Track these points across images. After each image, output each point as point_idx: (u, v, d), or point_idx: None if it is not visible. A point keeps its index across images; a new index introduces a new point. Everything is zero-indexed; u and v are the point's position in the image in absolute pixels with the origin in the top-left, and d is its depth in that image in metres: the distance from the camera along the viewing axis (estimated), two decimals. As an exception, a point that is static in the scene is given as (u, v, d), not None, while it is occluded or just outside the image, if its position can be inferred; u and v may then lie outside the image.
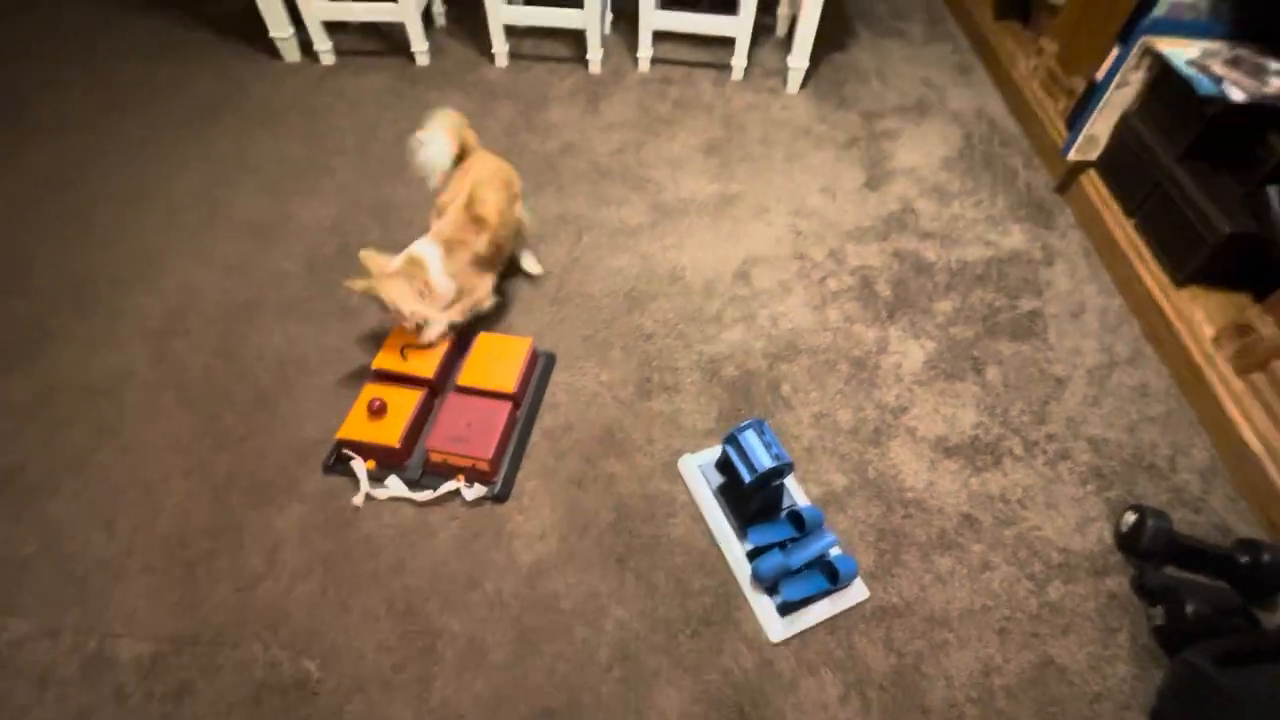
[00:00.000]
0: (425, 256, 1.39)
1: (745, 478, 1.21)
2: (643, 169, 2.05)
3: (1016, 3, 2.45)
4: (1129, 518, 1.30)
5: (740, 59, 2.34)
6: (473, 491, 1.32)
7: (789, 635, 1.19)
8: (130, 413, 1.46)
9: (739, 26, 2.25)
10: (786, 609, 1.20)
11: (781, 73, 2.39)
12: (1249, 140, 1.51)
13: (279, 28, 2.30)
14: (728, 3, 2.25)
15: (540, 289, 1.72)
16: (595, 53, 2.34)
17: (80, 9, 2.60)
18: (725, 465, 1.31)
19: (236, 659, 1.15)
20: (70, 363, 1.54)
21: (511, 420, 1.40)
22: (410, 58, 2.38)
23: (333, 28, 2.37)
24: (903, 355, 1.61)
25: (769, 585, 1.21)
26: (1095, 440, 1.47)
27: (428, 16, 2.51)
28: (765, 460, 1.20)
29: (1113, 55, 1.78)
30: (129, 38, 2.47)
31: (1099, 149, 1.89)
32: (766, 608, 1.21)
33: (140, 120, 2.15)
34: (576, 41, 2.45)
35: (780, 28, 2.60)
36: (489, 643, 1.18)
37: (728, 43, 2.33)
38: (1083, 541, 1.32)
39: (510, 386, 1.41)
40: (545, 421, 1.47)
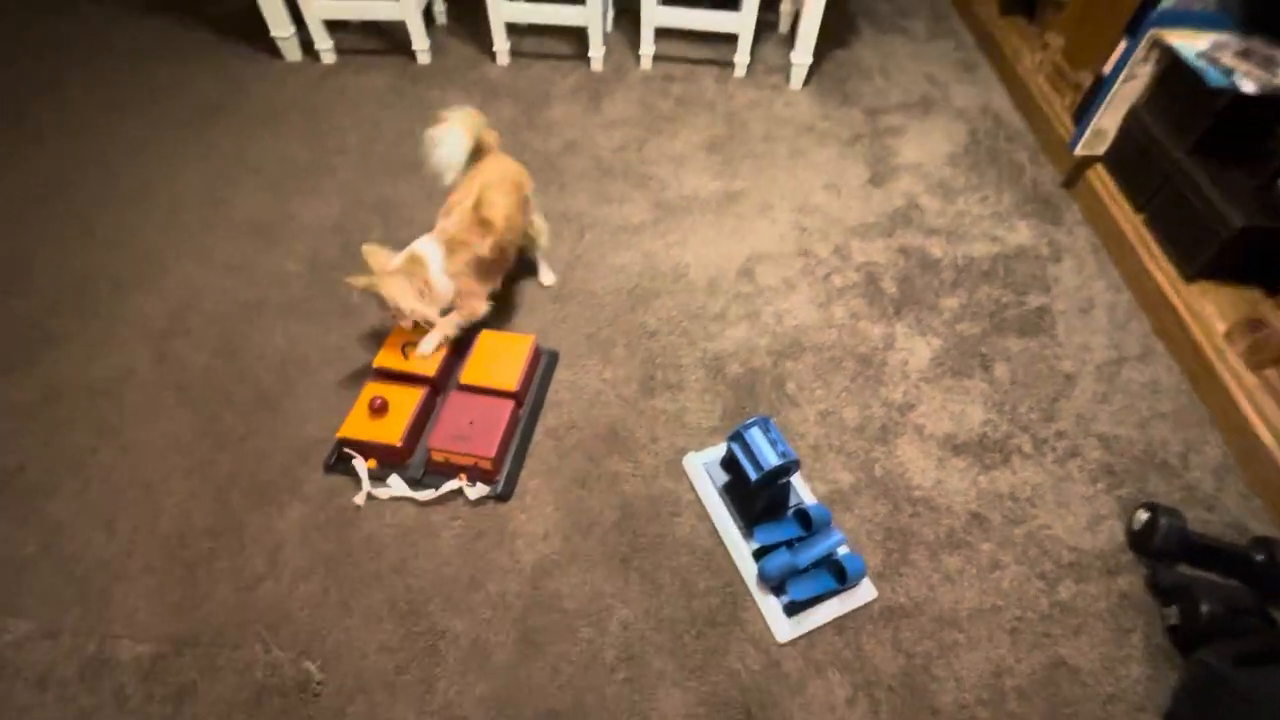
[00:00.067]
0: (426, 255, 1.38)
1: (751, 475, 1.20)
2: (645, 166, 2.04)
3: (1021, -3, 2.44)
4: (1141, 516, 1.28)
5: (743, 55, 2.32)
6: (475, 491, 1.31)
7: (796, 636, 1.17)
8: (131, 413, 1.45)
9: (741, 23, 2.23)
10: (793, 609, 1.18)
11: (784, 69, 2.37)
12: (1260, 132, 1.50)
13: (280, 27, 2.29)
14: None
15: (543, 287, 1.71)
16: (597, 50, 2.33)
17: (81, 11, 2.60)
18: (730, 463, 1.30)
19: (237, 660, 1.14)
20: (71, 363, 1.53)
21: (514, 419, 1.38)
22: (411, 56, 2.37)
23: (333, 26, 2.36)
24: (909, 352, 1.59)
25: (775, 585, 1.20)
26: (1105, 437, 1.45)
27: (429, 15, 2.51)
28: (771, 458, 1.18)
29: (1120, 48, 1.76)
30: (129, 39, 2.47)
31: (1106, 143, 1.87)
32: (773, 608, 1.19)
33: (141, 121, 2.15)
34: (578, 39, 2.44)
35: (783, 24, 2.58)
36: (492, 644, 1.16)
37: (730, 39, 2.32)
38: (1094, 540, 1.30)
39: (513, 385, 1.40)
40: (548, 420, 1.46)
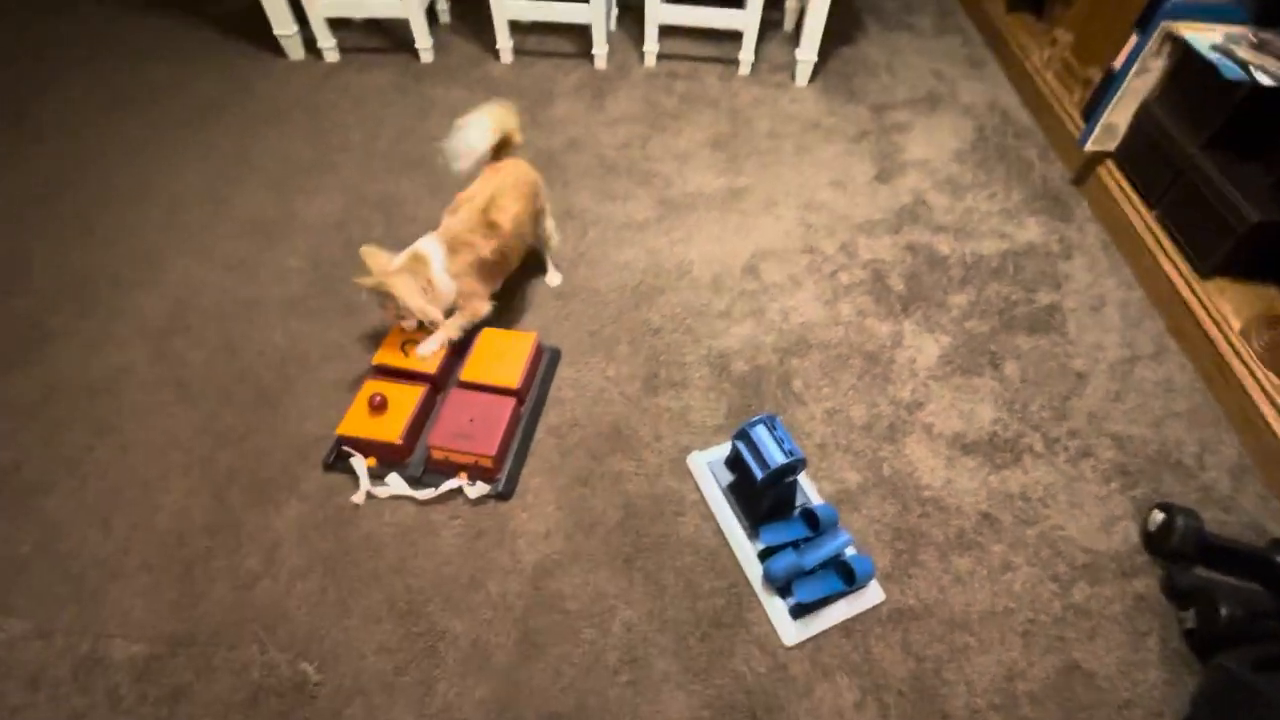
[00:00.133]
0: (428, 253, 1.36)
1: (757, 474, 1.17)
2: (649, 164, 2.02)
3: (1029, -6, 2.41)
4: (1157, 517, 1.25)
5: (747, 53, 2.30)
6: (476, 489, 1.29)
7: (803, 638, 1.15)
8: (129, 411, 1.44)
9: (746, 20, 2.21)
10: (800, 611, 1.16)
11: (789, 67, 2.35)
12: (1276, 126, 1.47)
13: (283, 25, 2.28)
14: (735, -4, 2.23)
15: (545, 284, 1.69)
16: (600, 48, 2.32)
17: (81, 11, 2.60)
18: (736, 462, 1.27)
19: (233, 661, 1.12)
20: (69, 361, 1.52)
21: (515, 416, 1.36)
22: (414, 54, 2.36)
23: (336, 25, 2.35)
24: (917, 350, 1.56)
25: (782, 586, 1.17)
26: (1119, 437, 1.42)
27: (432, 13, 2.50)
28: (778, 456, 1.16)
29: (1131, 42, 1.73)
30: (130, 38, 2.47)
31: (1117, 139, 1.85)
32: (779, 610, 1.16)
33: (141, 120, 2.14)
34: (581, 37, 2.42)
35: (788, 21, 2.56)
36: (493, 645, 1.14)
37: (734, 37, 2.30)
38: (1108, 541, 1.27)
39: (514, 382, 1.38)
40: (550, 418, 1.44)
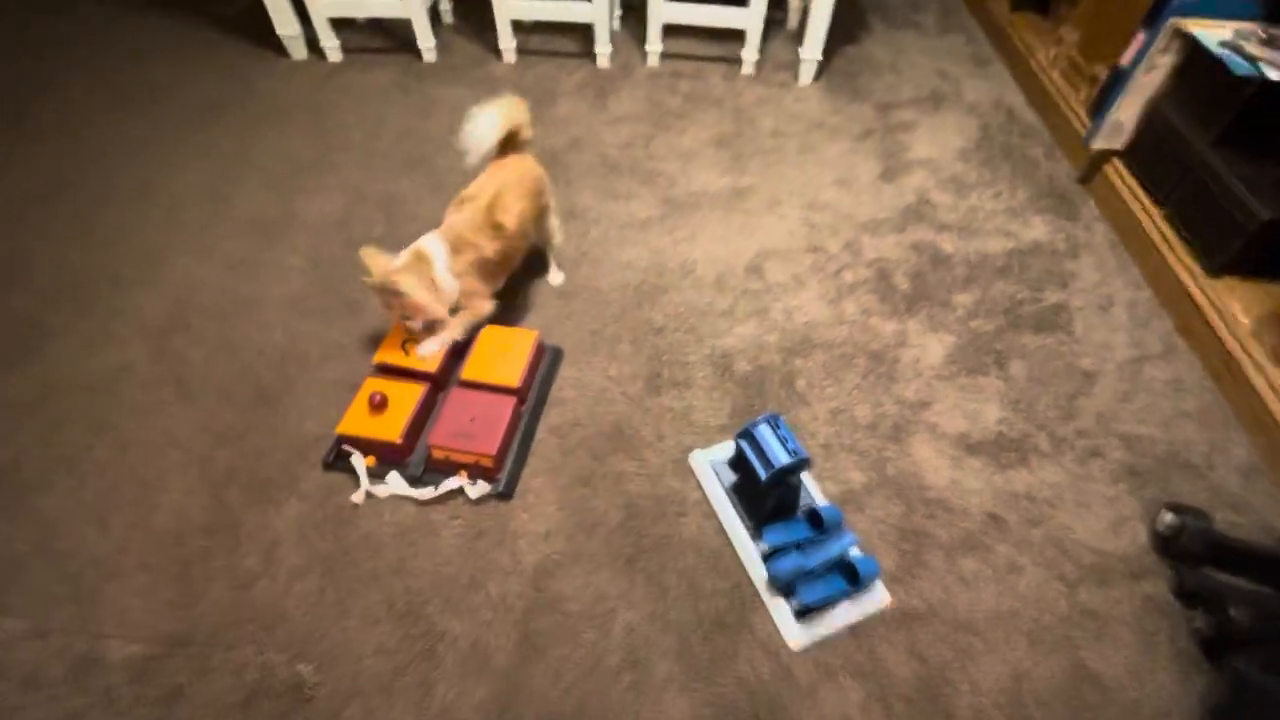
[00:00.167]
0: (431, 252, 1.35)
1: (760, 474, 1.16)
2: (652, 163, 2.01)
3: (1034, -8, 2.40)
4: (1166, 517, 1.23)
5: (751, 52, 2.29)
6: (476, 489, 1.27)
7: (807, 641, 1.13)
8: (128, 409, 1.43)
9: (750, 19, 2.20)
10: (804, 612, 1.14)
11: (793, 66, 2.34)
12: (1286, 123, 1.45)
13: (285, 25, 2.28)
14: (738, -6, 2.22)
15: (547, 282, 1.68)
16: (603, 47, 2.31)
17: (83, 10, 2.60)
18: (739, 462, 1.26)
19: (230, 661, 1.10)
20: (69, 360, 1.51)
21: (516, 415, 1.35)
22: (417, 54, 2.36)
23: (339, 25, 2.35)
24: (922, 349, 1.55)
25: (786, 587, 1.15)
26: (1128, 437, 1.40)
27: (435, 13, 2.50)
28: (781, 456, 1.14)
29: (1139, 40, 1.72)
30: (132, 38, 2.47)
31: (1125, 137, 1.83)
32: (783, 611, 1.15)
33: (143, 119, 2.14)
34: (584, 37, 2.42)
35: (792, 20, 2.56)
36: (492, 646, 1.12)
37: (738, 36, 2.29)
38: (1117, 542, 1.25)
39: (515, 381, 1.37)
40: (551, 418, 1.42)
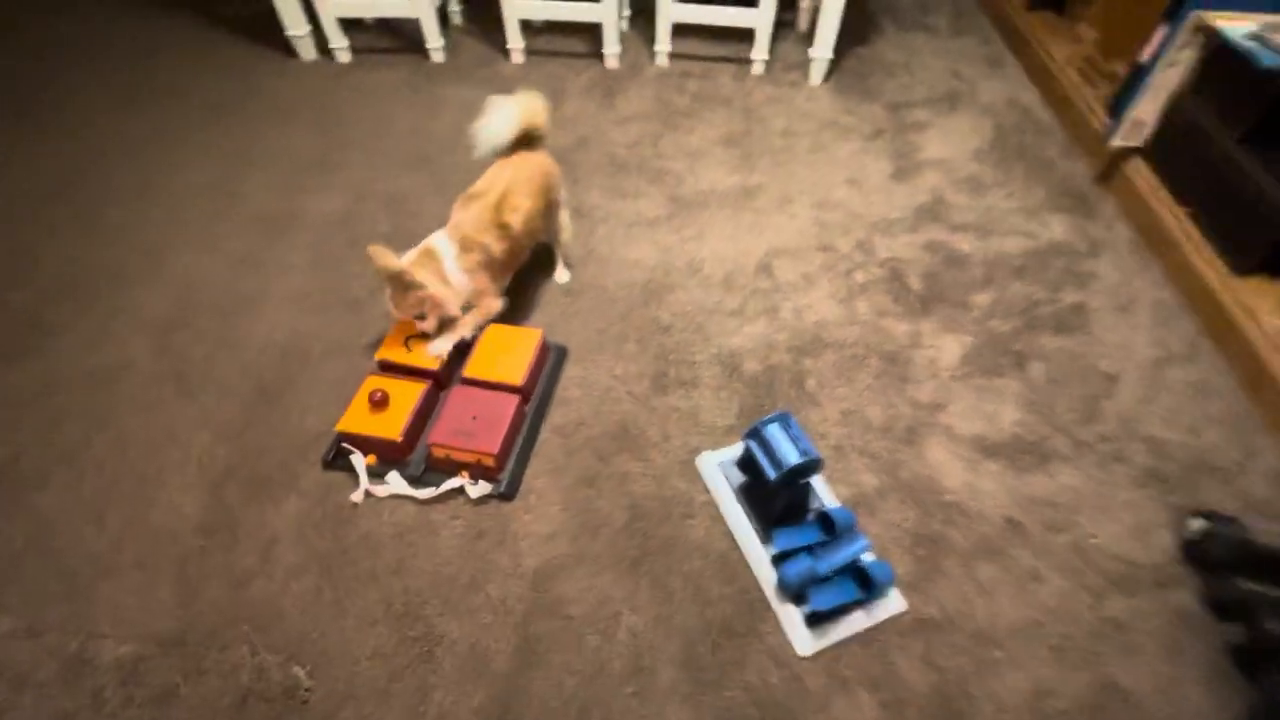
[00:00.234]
0: (440, 249, 1.33)
1: (770, 475, 1.12)
2: (660, 161, 1.99)
3: (1050, -8, 2.36)
4: (1196, 524, 1.18)
5: (761, 52, 2.27)
6: (477, 489, 1.24)
7: (818, 649, 1.09)
8: (128, 405, 1.41)
9: (760, 18, 2.18)
10: (815, 619, 1.10)
11: (803, 66, 2.31)
12: (1317, 117, 1.40)
13: (295, 25, 2.29)
14: (748, -6, 2.20)
15: (553, 280, 1.65)
16: (612, 46, 2.29)
17: (92, 10, 2.62)
18: (748, 463, 1.22)
19: (223, 662, 1.07)
20: (69, 355, 1.50)
21: (519, 414, 1.32)
22: (425, 55, 2.36)
23: (348, 26, 2.35)
24: (937, 349, 1.50)
25: (796, 593, 1.11)
26: (1152, 441, 1.35)
27: (443, 14, 2.49)
28: (792, 456, 1.10)
29: (1160, 34, 1.68)
30: (141, 39, 2.48)
31: (1145, 135, 1.78)
32: (793, 618, 1.10)
33: (148, 119, 2.14)
34: (593, 37, 2.40)
35: (802, 22, 2.53)
36: (492, 650, 1.09)
37: (748, 37, 2.27)
38: (1142, 550, 1.20)
39: (519, 379, 1.34)
40: (555, 417, 1.39)
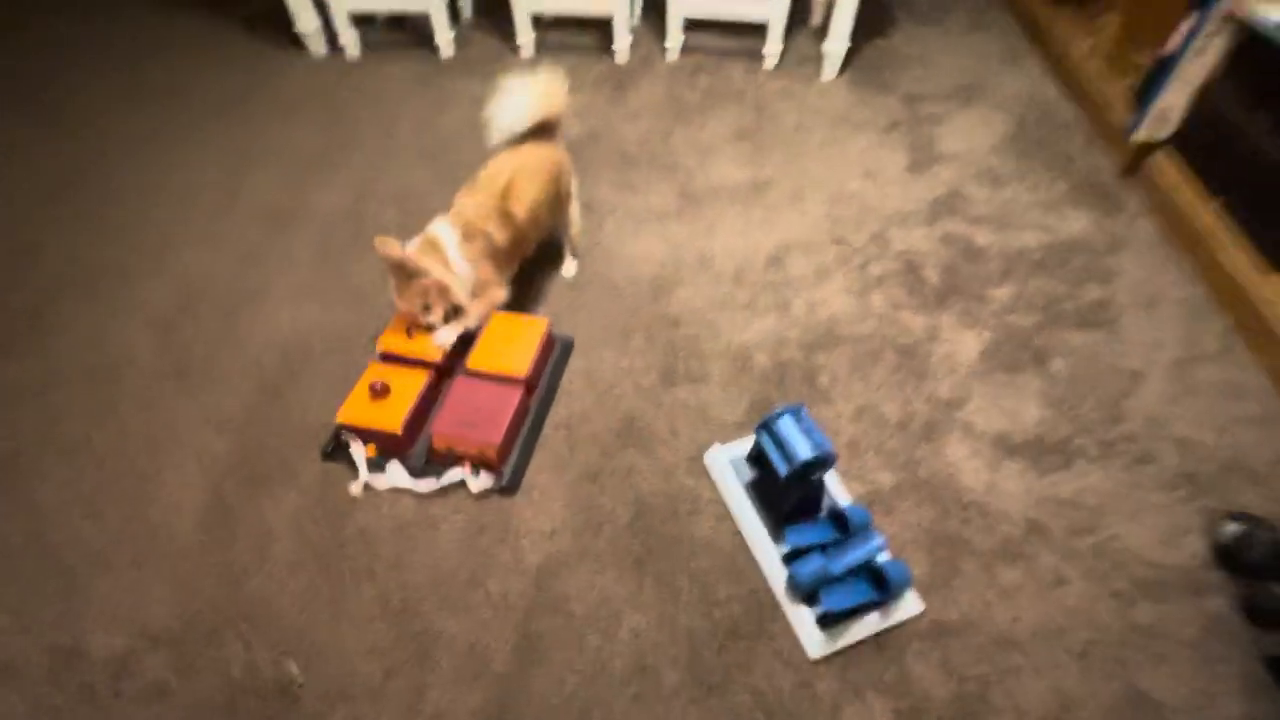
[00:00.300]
0: (442, 238, 1.30)
1: (781, 470, 1.07)
2: (670, 155, 1.95)
3: (1070, -16, 2.31)
4: (1230, 528, 1.12)
5: (774, 45, 2.23)
6: (479, 482, 1.21)
7: (830, 652, 1.04)
8: (129, 399, 1.40)
9: (772, 11, 2.15)
10: (827, 621, 1.05)
11: (816, 61, 2.27)
12: (1356, 104, 1.34)
13: (305, 21, 2.28)
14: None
15: (560, 273, 1.62)
16: (622, 40, 2.27)
17: (102, 6, 2.63)
18: (758, 458, 1.18)
19: (216, 659, 1.04)
20: (71, 351, 1.49)
21: (523, 406, 1.29)
22: (435, 50, 2.34)
23: (359, 22, 2.34)
24: (955, 344, 1.45)
25: (808, 593, 1.06)
26: (1182, 441, 1.29)
27: (453, 9, 2.48)
28: (804, 450, 1.06)
29: (1188, 22, 1.62)
30: (152, 35, 2.49)
31: (1171, 127, 1.72)
32: (804, 619, 1.06)
33: (156, 114, 2.14)
34: (603, 32, 2.38)
35: (815, 17, 2.49)
36: (490, 649, 1.05)
37: (759, 31, 2.23)
38: (1174, 555, 1.14)
39: (523, 370, 1.30)
40: (560, 411, 1.36)
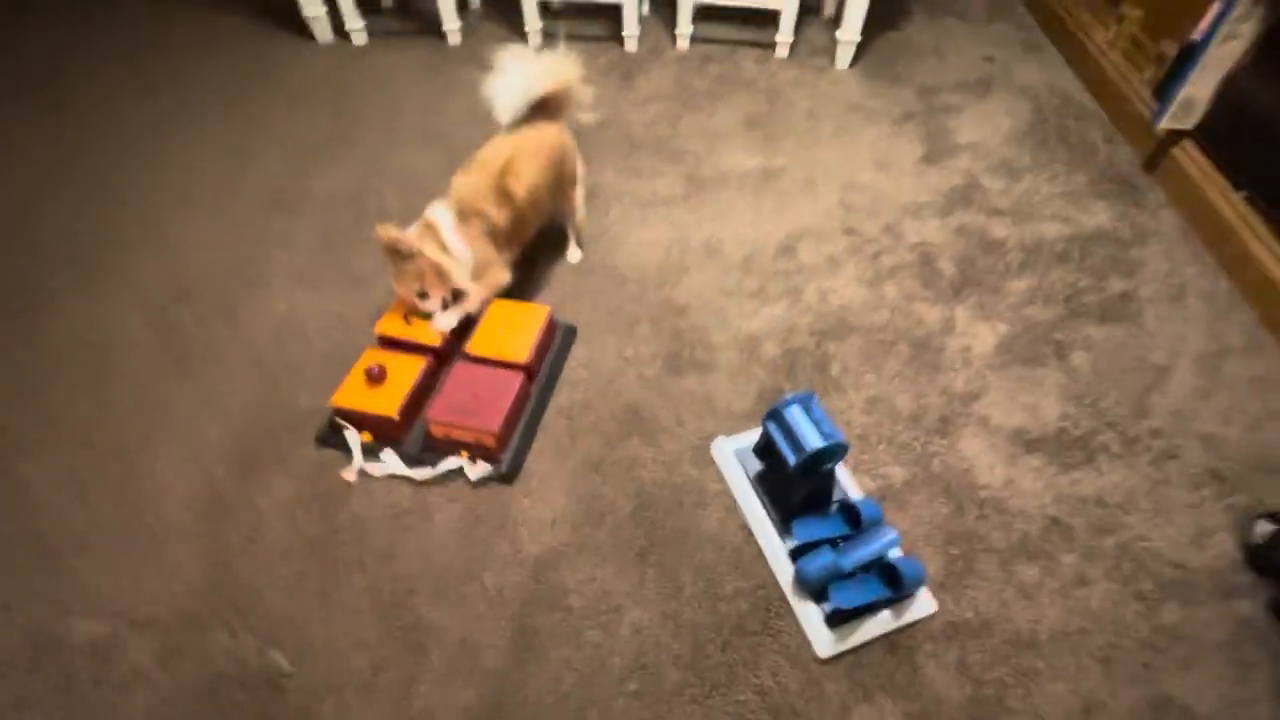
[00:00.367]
0: (438, 220, 1.27)
1: (790, 460, 1.03)
2: (679, 141, 1.91)
3: (1091, -26, 2.25)
4: (1264, 528, 1.06)
5: (785, 34, 2.19)
6: (477, 470, 1.17)
7: (840, 651, 0.99)
8: (121, 378, 1.37)
9: (785, 0, 2.10)
10: (837, 619, 1.00)
11: (829, 50, 2.23)
12: (1396, 89, 1.28)
13: (311, 7, 2.26)
14: (773, -26, 2.12)
15: (563, 259, 1.58)
16: (632, 29, 2.23)
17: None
18: (766, 449, 1.13)
19: (199, 646, 1.01)
20: (66, 327, 1.47)
21: (523, 393, 1.25)
22: (442, 37, 2.31)
23: (366, 8, 2.31)
24: (972, 337, 1.40)
25: (816, 590, 1.02)
26: (1210, 438, 1.23)
27: (461, -3, 2.45)
28: (814, 440, 1.01)
29: (1215, 7, 1.56)
30: (159, 22, 2.47)
31: (1197, 116, 1.67)
32: (813, 617, 1.01)
33: (159, 101, 2.12)
34: (612, 20, 2.34)
35: (828, 7, 2.44)
36: (484, 644, 1.01)
37: (771, 20, 2.18)
38: (1202, 556, 1.09)
39: (523, 357, 1.26)
40: (561, 399, 1.32)
